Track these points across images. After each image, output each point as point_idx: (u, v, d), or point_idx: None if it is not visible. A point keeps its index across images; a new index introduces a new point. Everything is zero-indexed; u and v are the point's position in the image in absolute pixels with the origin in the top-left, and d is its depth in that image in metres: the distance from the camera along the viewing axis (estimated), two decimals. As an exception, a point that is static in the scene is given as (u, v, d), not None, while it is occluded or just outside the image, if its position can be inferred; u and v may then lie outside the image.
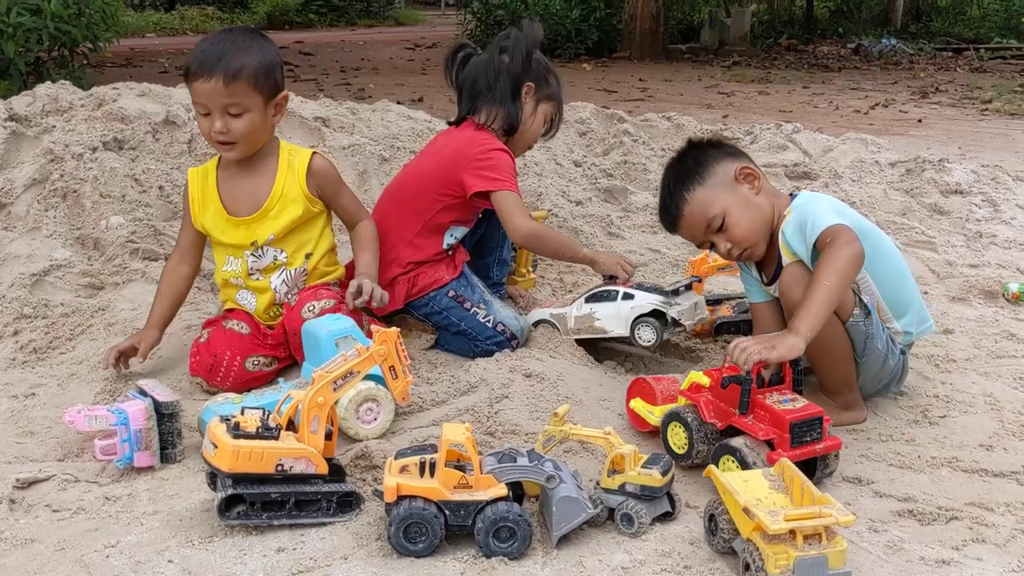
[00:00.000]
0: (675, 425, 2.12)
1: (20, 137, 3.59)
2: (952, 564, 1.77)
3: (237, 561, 1.73)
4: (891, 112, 8.96)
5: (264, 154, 2.56)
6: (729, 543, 1.74)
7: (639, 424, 2.27)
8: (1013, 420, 2.39)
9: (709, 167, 2.42)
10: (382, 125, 4.48)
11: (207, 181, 2.58)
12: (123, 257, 3.21)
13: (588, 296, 2.68)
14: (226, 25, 19.11)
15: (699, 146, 2.51)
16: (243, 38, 2.44)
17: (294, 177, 2.54)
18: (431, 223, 2.73)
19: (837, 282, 2.11)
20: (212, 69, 2.35)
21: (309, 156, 2.58)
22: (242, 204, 2.54)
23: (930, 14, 21.07)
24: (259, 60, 2.40)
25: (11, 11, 6.52)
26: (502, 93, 2.76)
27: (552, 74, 2.89)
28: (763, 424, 1.99)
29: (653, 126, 5.08)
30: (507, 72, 2.76)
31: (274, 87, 2.46)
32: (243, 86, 2.38)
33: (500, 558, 1.73)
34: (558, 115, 2.94)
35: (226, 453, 1.79)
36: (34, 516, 1.90)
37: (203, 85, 2.37)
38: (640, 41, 14.82)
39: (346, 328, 2.28)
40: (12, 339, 2.77)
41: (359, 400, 2.19)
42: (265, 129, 2.49)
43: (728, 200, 2.38)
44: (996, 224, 4.12)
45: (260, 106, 2.43)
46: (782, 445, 1.94)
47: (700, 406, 2.08)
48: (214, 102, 2.38)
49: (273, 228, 2.53)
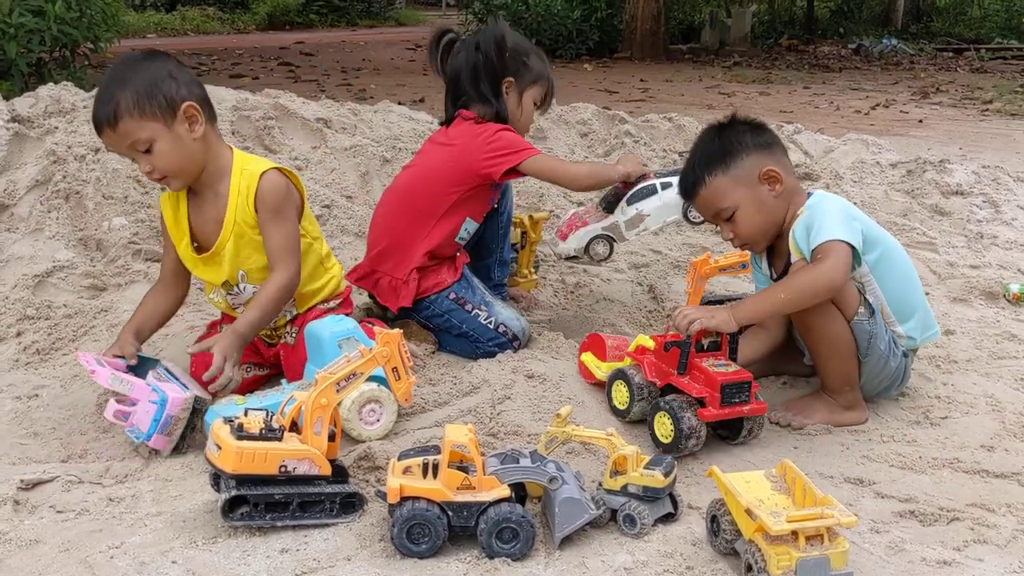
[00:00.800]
0: (619, 383, 2.31)
1: (23, 138, 3.60)
2: (953, 565, 1.78)
3: (241, 562, 1.74)
4: (892, 112, 8.97)
5: (215, 176, 2.34)
6: (731, 544, 1.74)
7: (587, 376, 2.46)
8: (1014, 421, 2.39)
9: (738, 157, 2.37)
10: (384, 126, 4.49)
11: (179, 209, 2.39)
12: (125, 258, 3.22)
13: (629, 198, 2.84)
14: (226, 25, 19.20)
15: (737, 128, 2.44)
16: (120, 72, 2.24)
17: (244, 203, 2.32)
18: (445, 218, 2.73)
19: (790, 300, 2.22)
20: (98, 121, 2.22)
21: (258, 177, 2.32)
22: (209, 235, 2.36)
23: (931, 14, 21.07)
24: (136, 87, 2.20)
25: (13, 12, 6.52)
26: (484, 93, 2.77)
27: (531, 55, 2.84)
28: (697, 384, 2.14)
29: (654, 127, 5.09)
30: (484, 72, 2.77)
31: (165, 105, 2.22)
32: (129, 122, 2.19)
33: (503, 559, 1.74)
34: (548, 91, 2.91)
35: (230, 454, 1.79)
36: (38, 517, 1.90)
37: (105, 139, 2.26)
38: (641, 41, 14.83)
39: (349, 330, 2.29)
40: (15, 340, 2.78)
41: (362, 401, 2.19)
42: (189, 150, 2.27)
43: (744, 197, 2.37)
44: (997, 225, 4.12)
45: (162, 131, 2.22)
46: (712, 403, 2.10)
47: (643, 366, 2.25)
48: (120, 149, 2.26)
49: (240, 265, 2.36)
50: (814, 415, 2.36)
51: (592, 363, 2.44)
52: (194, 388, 2.17)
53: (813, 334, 2.34)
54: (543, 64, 2.88)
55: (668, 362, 2.21)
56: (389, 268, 2.76)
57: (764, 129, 2.47)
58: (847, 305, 2.29)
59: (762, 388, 2.61)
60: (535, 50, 2.88)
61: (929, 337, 2.51)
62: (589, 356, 2.47)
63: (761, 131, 2.46)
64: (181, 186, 2.33)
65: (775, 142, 2.45)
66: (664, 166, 4.65)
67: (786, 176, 2.39)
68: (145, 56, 2.30)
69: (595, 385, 2.44)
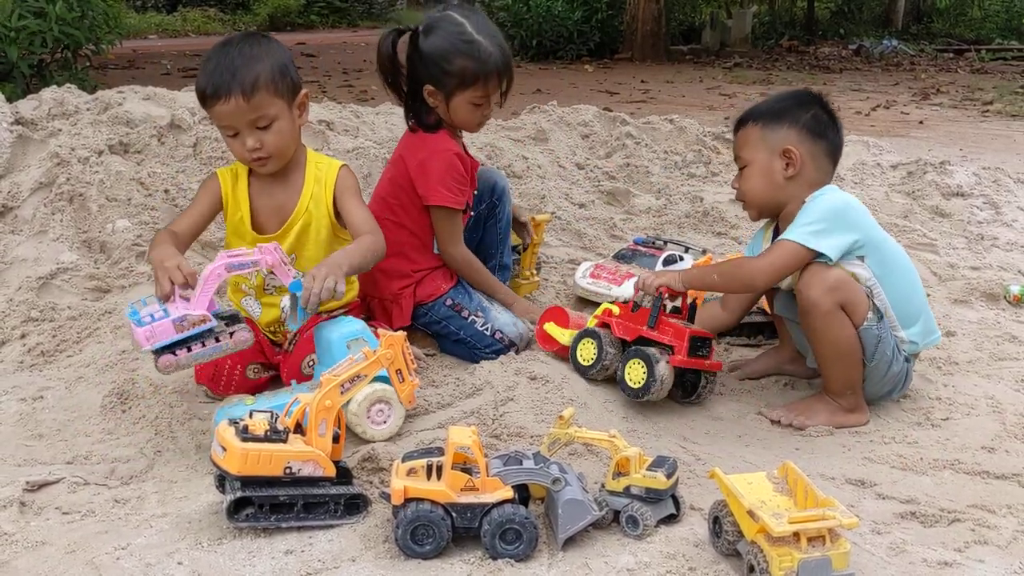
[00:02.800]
0: (586, 341, 2.50)
1: (26, 141, 3.60)
2: (954, 566, 1.78)
3: (246, 563, 1.75)
4: (892, 113, 8.97)
5: (290, 167, 2.42)
6: (733, 545, 1.75)
7: (548, 344, 2.63)
8: (1015, 422, 2.40)
9: (781, 122, 2.43)
10: (386, 128, 4.50)
11: (238, 185, 2.43)
12: (129, 260, 3.22)
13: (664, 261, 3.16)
14: (228, 27, 19.19)
15: (804, 99, 2.50)
16: (249, 46, 2.31)
17: (322, 191, 2.42)
18: (418, 233, 2.71)
19: (717, 283, 2.46)
20: (229, 88, 2.23)
21: (337, 169, 2.44)
22: (270, 219, 2.43)
23: (931, 15, 21.07)
24: (272, 63, 2.28)
25: (14, 15, 6.53)
26: (409, 99, 2.70)
27: (456, 57, 2.57)
28: (666, 336, 2.40)
29: (655, 128, 5.09)
30: (407, 79, 2.69)
31: (293, 87, 2.33)
32: (264, 96, 2.26)
33: (506, 560, 1.74)
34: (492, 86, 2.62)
35: (235, 456, 1.80)
36: (44, 519, 1.91)
37: (223, 107, 2.25)
38: (642, 42, 14.82)
39: (357, 331, 2.29)
40: (19, 342, 2.79)
41: (371, 400, 2.19)
42: (295, 135, 2.37)
43: (758, 159, 2.45)
44: (998, 226, 4.13)
45: (286, 111, 2.32)
46: (680, 352, 2.36)
47: (612, 324, 2.50)
48: (240, 121, 2.27)
49: (294, 248, 2.42)
50: (816, 417, 2.37)
51: (555, 331, 2.61)
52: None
53: (819, 338, 2.34)
54: (477, 61, 2.57)
55: (636, 321, 2.47)
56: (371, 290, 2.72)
57: (825, 110, 2.49)
58: (856, 311, 2.29)
59: (764, 389, 2.64)
60: (465, 48, 2.57)
61: (931, 342, 2.52)
62: (551, 325, 2.63)
63: (821, 109, 2.47)
64: (273, 169, 2.38)
65: (827, 136, 2.46)
66: (664, 167, 4.67)
67: (807, 164, 2.40)
68: (264, 36, 2.38)
69: (556, 352, 2.61)
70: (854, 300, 2.29)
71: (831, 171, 2.49)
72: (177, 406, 2.36)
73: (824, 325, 2.30)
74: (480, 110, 2.67)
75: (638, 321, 2.46)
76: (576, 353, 2.52)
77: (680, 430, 2.36)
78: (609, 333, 2.49)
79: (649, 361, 2.34)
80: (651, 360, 2.34)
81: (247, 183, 2.44)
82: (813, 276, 2.29)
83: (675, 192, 4.37)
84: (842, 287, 2.28)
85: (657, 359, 2.34)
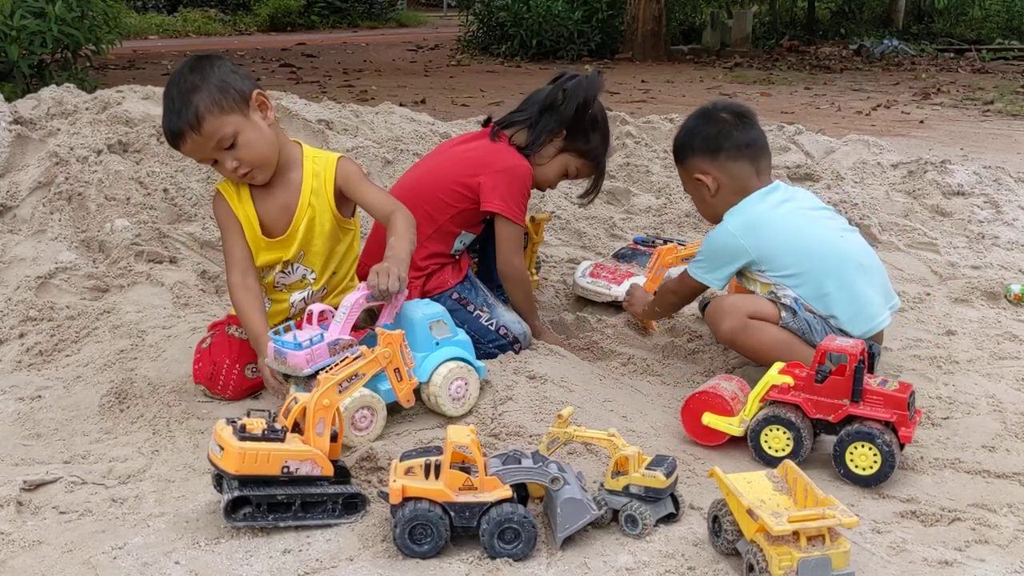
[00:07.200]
0: (774, 428, 2.14)
1: (25, 140, 3.60)
2: (955, 565, 1.78)
3: (243, 563, 1.74)
4: (893, 113, 8.96)
5: (286, 166, 2.44)
6: (733, 544, 1.74)
7: (708, 439, 2.24)
8: (1015, 421, 2.39)
9: (685, 154, 2.66)
10: (385, 127, 4.50)
11: (241, 195, 2.45)
12: (128, 260, 3.22)
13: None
14: (228, 27, 19.21)
15: (693, 122, 2.67)
16: (184, 79, 2.30)
17: (321, 185, 2.44)
18: (442, 229, 2.73)
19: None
20: (180, 128, 2.28)
21: (335, 162, 2.46)
22: (276, 221, 2.45)
23: (932, 15, 21.06)
24: (209, 87, 2.28)
25: (15, 14, 6.53)
26: (538, 123, 2.78)
27: (601, 135, 2.86)
28: (880, 408, 2.09)
29: (656, 128, 5.09)
30: (553, 110, 2.78)
31: (240, 96, 2.32)
32: (212, 121, 2.27)
33: (505, 559, 1.74)
34: (594, 177, 2.94)
35: (232, 455, 1.80)
36: (41, 518, 1.91)
37: (185, 147, 2.32)
38: (642, 43, 14.82)
39: (439, 312, 2.35)
40: (18, 341, 2.79)
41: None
42: (268, 137, 2.37)
43: (690, 189, 2.73)
44: (998, 225, 4.12)
45: (242, 122, 2.31)
46: (906, 424, 2.08)
47: (802, 405, 2.13)
48: (205, 152, 2.32)
49: (303, 244, 2.46)
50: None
51: (719, 423, 2.21)
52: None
53: (754, 352, 2.48)
54: (602, 151, 2.89)
55: (828, 394, 2.11)
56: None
57: (723, 127, 2.60)
58: (768, 318, 2.43)
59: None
60: (607, 136, 2.91)
61: (873, 328, 2.51)
62: (711, 416, 2.22)
63: (714, 133, 2.60)
64: (264, 178, 2.40)
65: (722, 146, 2.57)
66: (665, 167, 4.66)
67: (719, 179, 2.57)
68: (200, 60, 2.37)
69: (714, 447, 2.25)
70: (761, 310, 2.44)
71: (750, 164, 2.58)
72: (175, 406, 2.36)
73: (746, 340, 2.44)
74: (567, 178, 2.92)
75: (832, 394, 2.11)
76: (761, 443, 2.16)
77: (679, 429, 2.35)
78: (798, 414, 2.13)
79: (879, 445, 2.04)
80: (882, 444, 2.03)
81: (248, 191, 2.46)
82: (715, 313, 2.49)
83: (675, 191, 4.36)
84: (742, 306, 2.45)
85: (888, 442, 2.04)
